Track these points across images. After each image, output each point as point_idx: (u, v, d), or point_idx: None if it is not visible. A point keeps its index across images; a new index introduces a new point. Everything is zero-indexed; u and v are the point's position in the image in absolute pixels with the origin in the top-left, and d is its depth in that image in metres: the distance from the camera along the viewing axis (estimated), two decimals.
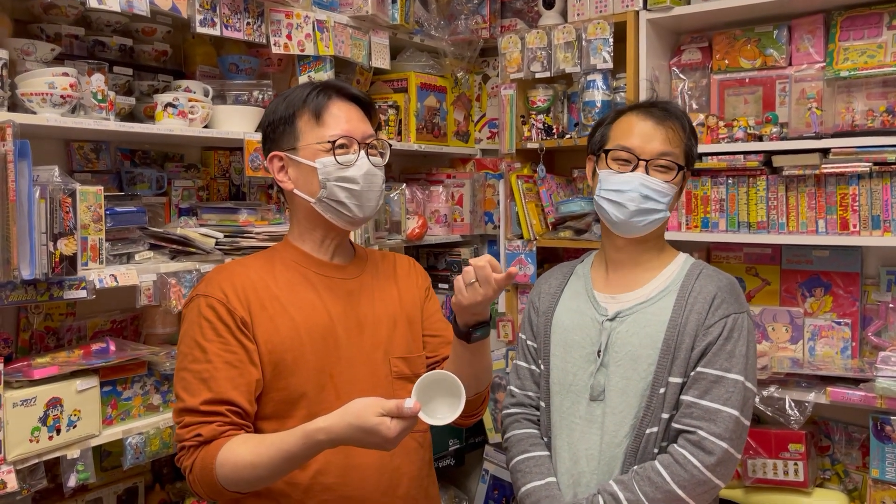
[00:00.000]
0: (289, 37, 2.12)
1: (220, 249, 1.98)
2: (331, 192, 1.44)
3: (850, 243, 2.15)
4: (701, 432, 1.48)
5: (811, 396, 2.11)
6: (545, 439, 1.68)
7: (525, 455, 1.67)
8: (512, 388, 1.76)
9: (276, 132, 1.47)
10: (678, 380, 1.53)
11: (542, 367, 1.70)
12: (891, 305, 2.25)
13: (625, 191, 1.58)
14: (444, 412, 1.28)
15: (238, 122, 2.08)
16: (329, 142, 1.43)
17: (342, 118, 1.45)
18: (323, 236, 1.51)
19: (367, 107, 1.52)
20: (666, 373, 1.54)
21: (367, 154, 1.47)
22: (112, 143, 2.10)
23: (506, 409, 1.76)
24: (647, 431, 1.54)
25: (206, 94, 2.05)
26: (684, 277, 1.62)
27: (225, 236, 2.00)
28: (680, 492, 1.46)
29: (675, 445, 1.50)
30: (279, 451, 1.29)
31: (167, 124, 1.92)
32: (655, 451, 1.54)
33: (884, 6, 2.17)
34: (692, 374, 1.53)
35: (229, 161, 2.36)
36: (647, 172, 1.59)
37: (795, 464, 2.16)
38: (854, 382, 2.11)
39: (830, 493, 2.21)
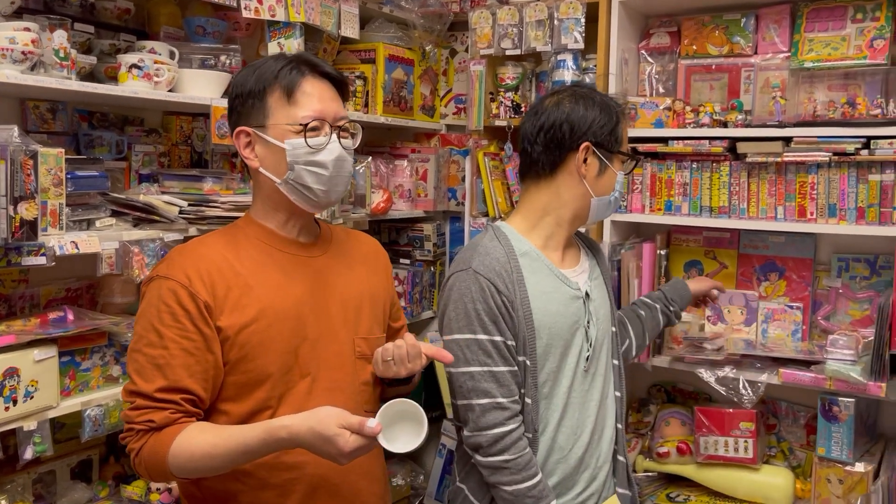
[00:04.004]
0: (260, 1, 2.05)
1: (184, 218, 1.92)
2: (298, 175, 1.40)
3: (807, 230, 2.22)
4: None
5: (764, 377, 2.18)
6: (528, 436, 1.61)
7: (536, 479, 1.57)
8: (500, 399, 1.56)
9: (245, 106, 1.42)
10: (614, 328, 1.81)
11: (527, 362, 1.60)
12: (840, 291, 2.34)
13: (621, 191, 1.76)
14: (405, 439, 1.30)
15: (204, 87, 2.01)
16: (301, 124, 1.38)
17: (315, 97, 1.40)
18: (288, 216, 1.47)
19: (340, 85, 1.48)
20: (615, 321, 1.81)
21: (339, 137, 1.43)
22: (70, 103, 2.02)
23: (501, 427, 1.55)
24: (620, 376, 1.80)
25: (173, 57, 1.98)
26: (581, 241, 1.83)
27: (189, 205, 1.95)
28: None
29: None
30: (238, 443, 1.29)
31: (131, 86, 1.85)
32: (618, 388, 1.78)
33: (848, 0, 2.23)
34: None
35: (192, 127, 2.29)
36: None
37: (746, 441, 2.24)
38: (803, 364, 2.19)
39: (777, 470, 2.30)
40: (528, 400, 1.59)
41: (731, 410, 2.24)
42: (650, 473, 2.42)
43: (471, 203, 2.72)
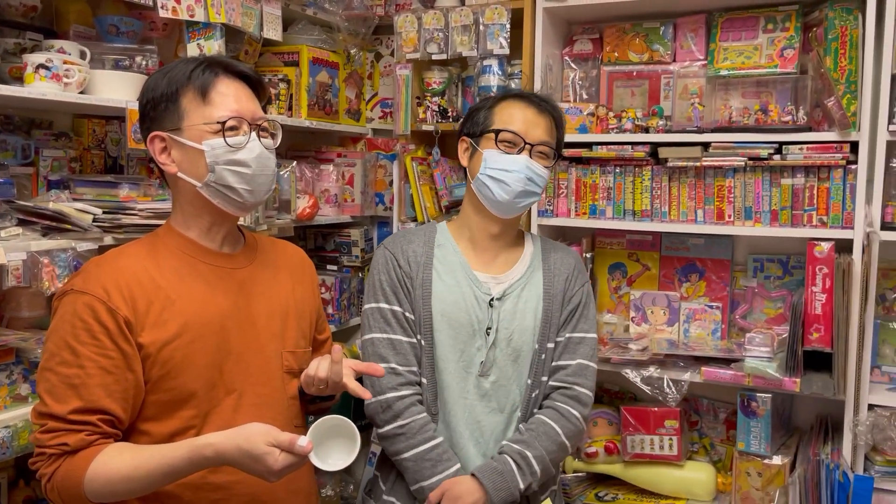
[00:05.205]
0: (177, 0, 1.97)
1: (98, 227, 1.83)
2: (219, 176, 1.35)
3: (726, 232, 2.30)
4: (577, 388, 1.72)
5: (687, 376, 2.24)
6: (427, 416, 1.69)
7: (434, 442, 1.65)
8: (394, 365, 1.66)
9: (158, 110, 1.36)
10: (552, 344, 1.74)
11: (422, 341, 1.69)
12: (756, 290, 2.44)
13: (511, 171, 1.67)
14: (337, 456, 1.29)
15: (118, 89, 1.92)
16: (218, 122, 1.34)
17: (231, 97, 1.37)
18: (210, 223, 1.42)
19: (256, 85, 1.44)
20: (546, 339, 1.73)
21: (259, 136, 1.39)
22: None
23: (393, 392, 1.65)
24: (533, 395, 1.73)
25: (84, 57, 1.88)
26: (542, 252, 1.81)
27: (104, 212, 1.85)
28: (567, 442, 1.70)
29: (557, 402, 1.72)
30: (160, 464, 1.23)
31: (39, 88, 1.74)
32: (535, 409, 1.73)
33: (760, 10, 2.32)
34: (565, 337, 1.75)
35: (105, 131, 2.18)
36: (531, 157, 1.69)
37: (670, 439, 2.30)
38: (723, 362, 2.26)
39: (700, 465, 2.37)
40: (424, 380, 1.69)
41: (656, 409, 2.29)
42: (579, 474, 2.45)
43: (399, 208, 2.70)
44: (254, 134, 1.38)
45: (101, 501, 1.26)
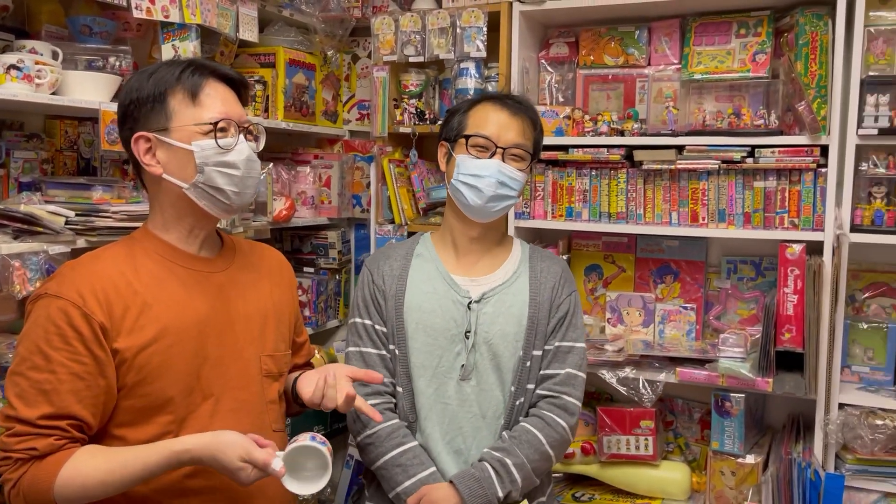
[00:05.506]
0: (152, 1, 1.96)
1: (71, 229, 1.80)
2: (208, 177, 1.35)
3: (700, 234, 2.33)
4: (565, 397, 1.71)
5: (662, 376, 2.27)
6: (405, 423, 1.71)
7: (403, 447, 1.66)
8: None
9: (143, 110, 1.35)
10: (539, 352, 1.72)
11: (396, 351, 1.71)
12: (729, 291, 2.47)
13: (483, 176, 1.67)
14: (309, 479, 1.31)
15: (92, 90, 1.90)
16: (209, 123, 1.34)
17: (219, 100, 1.37)
18: (192, 226, 1.41)
19: (240, 88, 1.44)
20: (531, 347, 1.71)
21: (245, 139, 1.40)
22: None
23: None
24: (518, 402, 1.71)
25: (56, 58, 1.86)
26: (529, 259, 1.79)
27: (77, 215, 1.83)
28: (551, 451, 1.68)
29: (543, 410, 1.70)
30: (137, 469, 1.24)
31: (10, 88, 1.71)
32: (520, 418, 1.72)
33: (732, 15, 2.35)
34: (554, 346, 1.73)
35: (78, 132, 2.16)
36: (503, 160, 1.69)
37: (646, 439, 2.32)
38: (698, 362, 2.29)
39: (675, 465, 2.39)
40: (399, 388, 1.71)
41: (632, 410, 2.31)
42: (556, 474, 2.46)
43: (376, 210, 2.69)
44: (241, 137, 1.39)
45: None
